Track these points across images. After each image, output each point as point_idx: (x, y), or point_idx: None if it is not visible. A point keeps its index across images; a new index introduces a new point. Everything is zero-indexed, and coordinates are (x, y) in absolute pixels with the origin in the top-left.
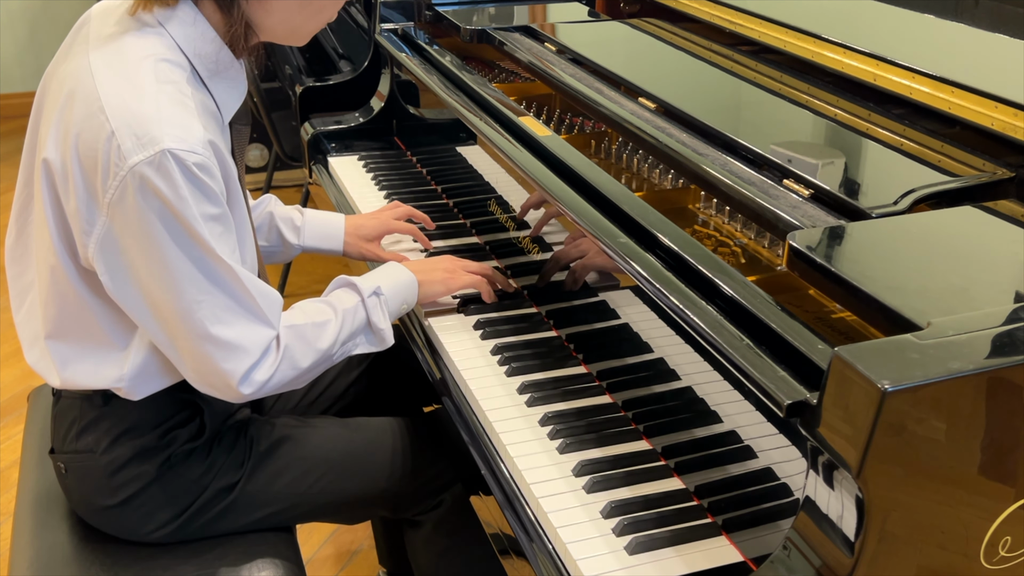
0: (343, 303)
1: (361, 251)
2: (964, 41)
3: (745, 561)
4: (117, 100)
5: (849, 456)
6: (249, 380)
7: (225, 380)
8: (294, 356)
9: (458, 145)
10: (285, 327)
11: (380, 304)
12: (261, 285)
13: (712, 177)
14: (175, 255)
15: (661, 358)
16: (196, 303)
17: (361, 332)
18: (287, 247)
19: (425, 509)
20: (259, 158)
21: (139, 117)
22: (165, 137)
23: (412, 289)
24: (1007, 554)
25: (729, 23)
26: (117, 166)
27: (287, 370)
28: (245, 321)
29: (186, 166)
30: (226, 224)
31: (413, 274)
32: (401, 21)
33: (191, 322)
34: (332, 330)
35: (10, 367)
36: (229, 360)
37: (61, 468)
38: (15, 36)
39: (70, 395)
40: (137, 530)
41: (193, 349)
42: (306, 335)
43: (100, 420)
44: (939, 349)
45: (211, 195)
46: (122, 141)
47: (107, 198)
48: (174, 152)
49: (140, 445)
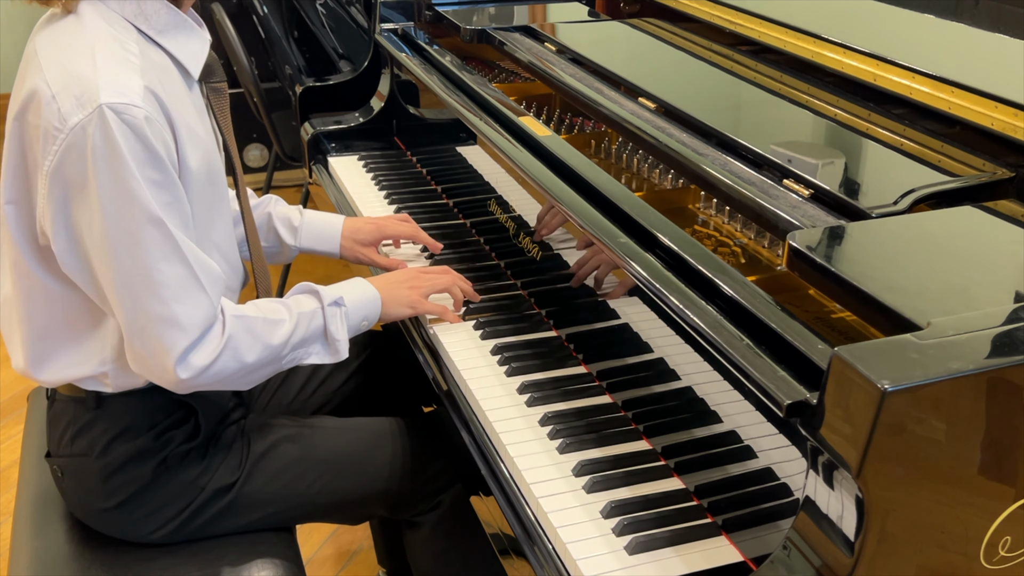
0: (301, 306)
1: (357, 254)
2: (964, 41)
3: (745, 561)
4: (55, 65)
5: (849, 456)
6: (187, 362)
7: (161, 360)
8: (239, 348)
9: (458, 145)
10: (234, 316)
11: (340, 315)
12: (203, 259)
13: (712, 177)
14: (113, 220)
15: (661, 358)
16: (132, 275)
17: (316, 340)
18: (284, 248)
19: (423, 510)
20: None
21: (75, 76)
22: (102, 91)
23: (375, 306)
24: (1007, 554)
25: (729, 23)
26: (57, 129)
27: (229, 361)
28: (184, 297)
29: (126, 121)
30: (173, 192)
31: (377, 292)
32: (401, 21)
33: (127, 294)
34: (284, 330)
35: (10, 367)
36: (164, 337)
37: (57, 471)
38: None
39: (63, 398)
40: (135, 532)
41: (129, 324)
42: (255, 329)
43: (94, 423)
44: (939, 349)
45: (154, 157)
46: (62, 103)
47: (47, 165)
48: (112, 106)
49: (135, 447)
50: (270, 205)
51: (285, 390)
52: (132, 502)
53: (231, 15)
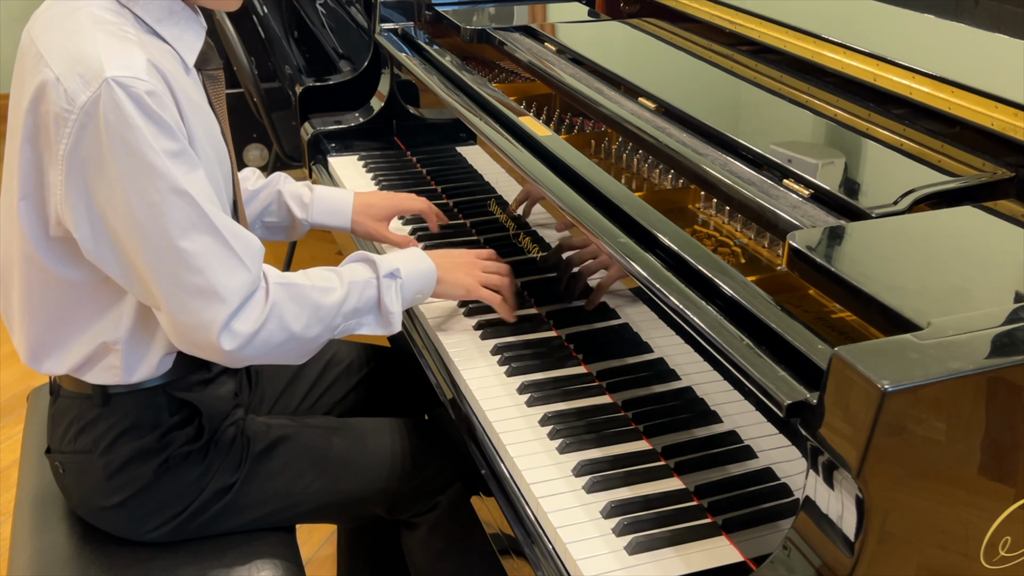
0: (354, 275)
1: (368, 230)
2: (964, 41)
3: (745, 561)
4: (56, 48)
5: (849, 456)
6: (230, 330)
7: (204, 334)
8: (284, 315)
9: (458, 145)
10: (278, 283)
11: (395, 287)
12: (237, 228)
13: (712, 177)
14: (136, 196)
15: (661, 358)
16: (164, 248)
17: (369, 312)
18: (295, 223)
19: (422, 510)
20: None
21: (78, 56)
22: (106, 66)
23: (431, 280)
24: (1007, 554)
25: (729, 23)
26: (67, 111)
27: (275, 329)
28: (219, 265)
29: (134, 94)
30: (191, 162)
31: (435, 267)
32: (401, 21)
33: (162, 270)
34: (335, 298)
35: (10, 367)
36: (206, 310)
37: (58, 467)
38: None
39: (68, 394)
40: (135, 530)
41: (167, 301)
42: (302, 295)
43: (99, 420)
44: (939, 349)
45: (166, 128)
46: (67, 84)
47: (62, 150)
48: (118, 80)
49: (138, 447)
50: (279, 183)
51: (287, 398)
52: (133, 501)
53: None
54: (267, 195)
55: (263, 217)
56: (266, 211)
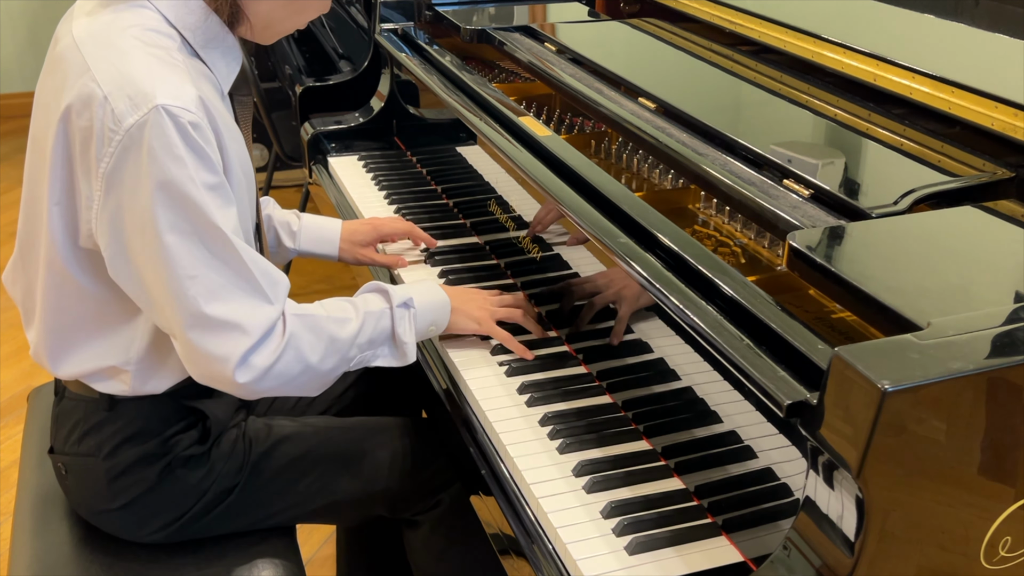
0: (369, 305)
1: (356, 256)
2: (964, 41)
3: (745, 561)
4: (106, 65)
5: (849, 456)
6: (247, 364)
7: (221, 367)
8: (301, 347)
9: (458, 145)
10: (295, 315)
11: (409, 316)
12: (264, 264)
13: (712, 177)
14: (169, 223)
15: (661, 358)
16: (190, 279)
17: (383, 342)
18: (283, 250)
19: (423, 509)
20: (259, 158)
21: (130, 78)
22: (158, 94)
23: (444, 312)
24: (1007, 554)
25: (729, 23)
26: (112, 131)
27: (292, 361)
28: (243, 298)
29: (181, 124)
30: (225, 196)
31: (448, 299)
32: (401, 21)
33: (184, 300)
34: (350, 329)
35: (10, 367)
36: (226, 342)
37: (61, 468)
38: (15, 36)
39: (74, 396)
40: (136, 532)
41: (187, 331)
42: (319, 327)
43: (104, 424)
44: (939, 349)
45: (207, 161)
46: (115, 104)
47: (102, 168)
48: (168, 108)
49: (142, 452)
50: (268, 208)
51: (286, 398)
52: (135, 504)
53: None
54: None
55: None
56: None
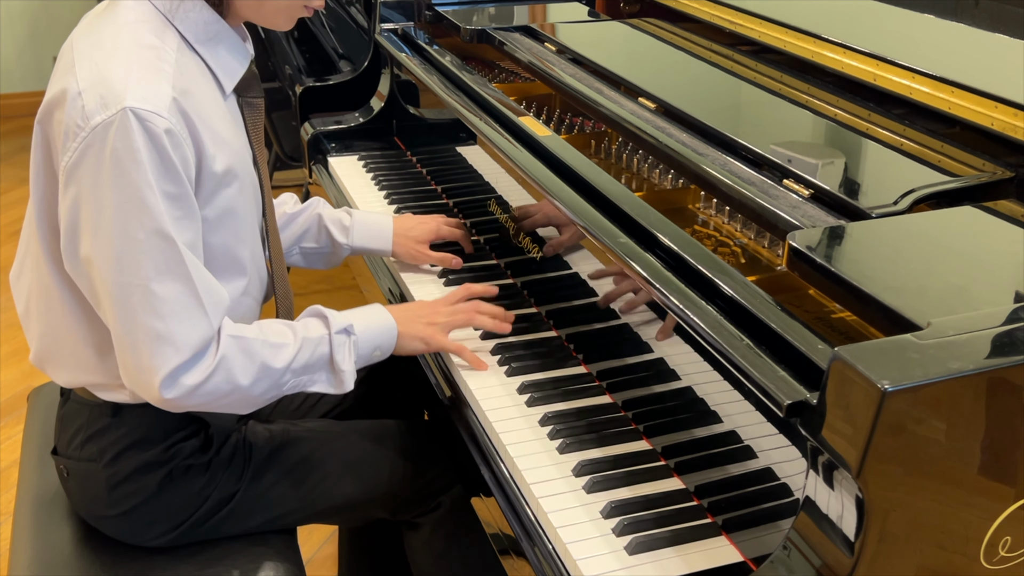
0: (308, 331)
1: (411, 251)
2: (964, 41)
3: (745, 561)
4: (88, 63)
5: (849, 456)
6: (175, 382)
7: (148, 377)
8: (231, 369)
9: (458, 145)
10: (230, 336)
11: (349, 344)
12: (209, 280)
13: (712, 177)
14: (120, 227)
15: (661, 358)
16: (131, 286)
17: (321, 368)
18: (336, 247)
19: (424, 511)
20: None
21: (105, 77)
22: (128, 96)
23: (390, 336)
24: (1007, 554)
25: (729, 23)
26: (79, 127)
27: (221, 382)
28: (182, 314)
29: (148, 128)
30: (186, 208)
31: (395, 322)
32: (401, 21)
33: (124, 305)
34: (286, 355)
35: (10, 367)
36: (156, 355)
37: (63, 471)
38: (15, 36)
39: (79, 399)
40: (136, 537)
41: (123, 336)
42: (252, 350)
43: (107, 431)
44: (939, 349)
45: (171, 169)
46: (87, 101)
47: (64, 161)
48: (136, 111)
49: (143, 460)
50: (318, 207)
51: (287, 402)
52: (136, 511)
53: None
54: (306, 219)
55: (301, 243)
56: (305, 235)
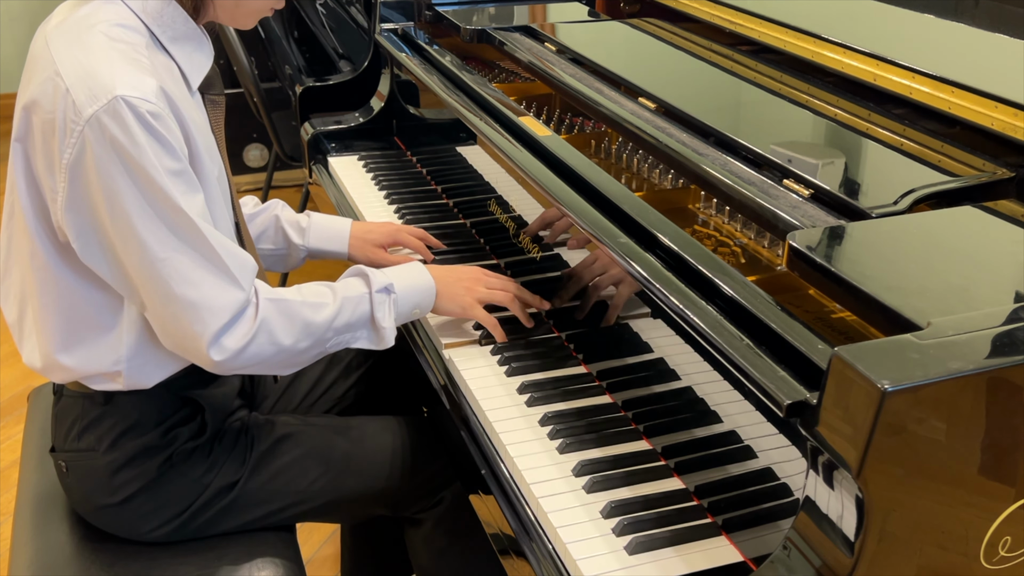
0: (348, 290)
1: (367, 255)
2: (964, 41)
3: (745, 561)
4: (70, 60)
5: (849, 456)
6: (219, 345)
7: (194, 343)
8: (273, 330)
9: (458, 145)
10: (269, 299)
11: (389, 302)
12: (232, 247)
13: (712, 177)
14: (136, 209)
15: (661, 358)
16: (160, 261)
17: (362, 326)
18: (293, 249)
19: (425, 507)
20: (259, 158)
21: (91, 71)
22: (117, 85)
23: (429, 296)
24: (1007, 554)
25: (729, 23)
26: (74, 122)
27: (264, 343)
28: (213, 280)
29: (140, 113)
30: (189, 182)
31: (433, 281)
32: (401, 21)
33: (156, 281)
34: (326, 314)
35: (10, 367)
36: (197, 322)
37: (62, 466)
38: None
39: (71, 393)
40: (137, 529)
41: (161, 310)
42: (292, 311)
43: (102, 419)
44: (939, 349)
45: (169, 148)
46: (76, 96)
47: (65, 159)
48: (127, 99)
49: (141, 444)
50: (276, 208)
51: (289, 396)
52: (136, 498)
53: None
54: (264, 220)
55: (258, 244)
56: (262, 236)
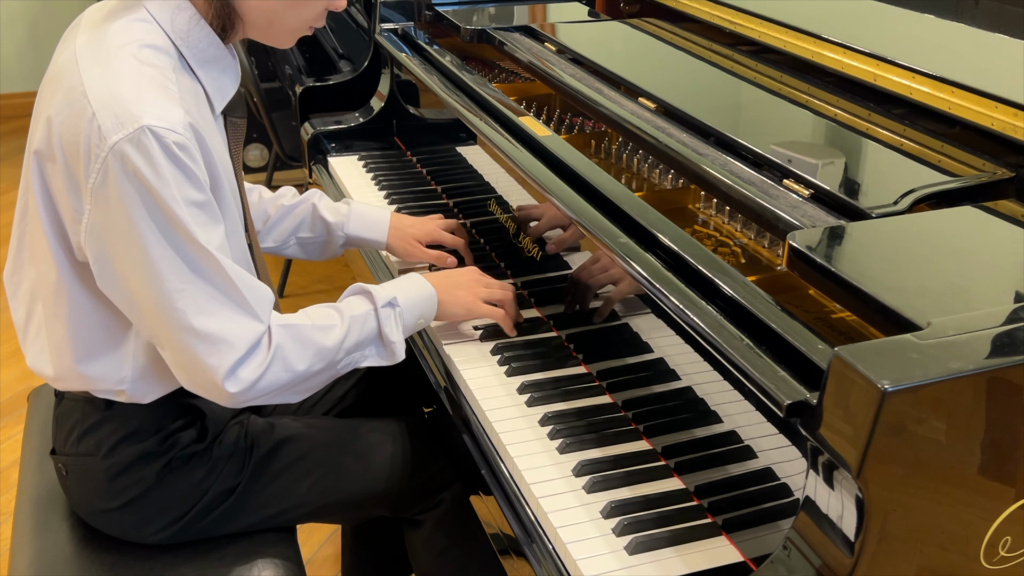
0: (353, 309)
1: (406, 247)
2: (964, 41)
3: (745, 561)
4: (98, 83)
5: (849, 456)
6: (235, 377)
7: (210, 376)
8: (287, 356)
9: (458, 145)
10: (280, 326)
11: (394, 316)
12: (250, 279)
13: (712, 177)
14: (155, 240)
15: (661, 358)
16: (177, 292)
17: (371, 343)
18: (332, 236)
19: (425, 508)
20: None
21: (119, 98)
22: (145, 115)
23: (431, 304)
24: (1007, 554)
25: (729, 23)
26: (98, 147)
27: (279, 371)
28: (229, 313)
29: (166, 144)
30: (211, 213)
31: (434, 290)
32: (401, 21)
33: (172, 313)
34: (336, 335)
35: (10, 367)
36: (212, 355)
37: (62, 469)
38: (15, 36)
39: (73, 397)
40: (137, 532)
41: (176, 343)
42: (303, 336)
43: (102, 424)
44: (939, 349)
45: (193, 179)
46: (102, 122)
47: (90, 183)
48: (153, 129)
49: (141, 450)
50: (314, 198)
51: None
52: (136, 503)
53: None
54: (303, 209)
55: (298, 232)
56: (301, 226)
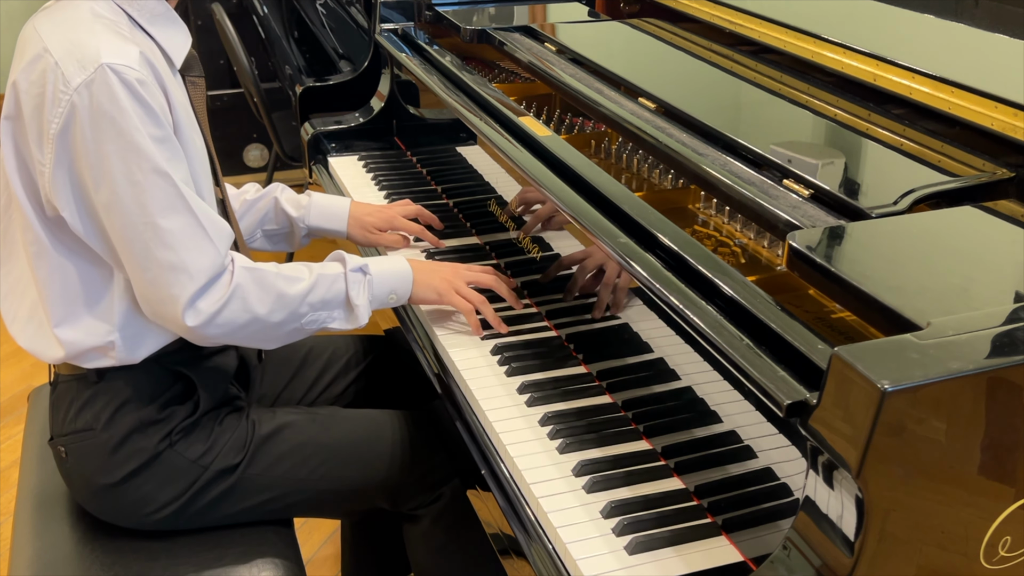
0: (324, 269)
1: (365, 236)
2: (964, 41)
3: (745, 561)
4: (57, 36)
5: (849, 456)
6: (194, 308)
7: (171, 307)
8: (247, 298)
9: (458, 145)
10: (244, 268)
11: (364, 282)
12: (212, 214)
13: (712, 177)
14: (120, 174)
15: (661, 358)
16: (142, 225)
17: (338, 305)
18: (294, 228)
19: (424, 502)
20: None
21: (78, 43)
22: (102, 54)
23: (405, 282)
24: (1007, 554)
25: (729, 23)
26: (62, 92)
27: (238, 310)
28: (191, 244)
29: (127, 80)
30: (173, 150)
31: (411, 270)
32: (401, 21)
33: (137, 245)
34: (301, 287)
35: (10, 367)
36: (174, 284)
37: (61, 452)
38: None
39: (65, 378)
40: (136, 512)
41: (141, 275)
42: (266, 281)
43: (96, 396)
44: (939, 349)
45: (153, 115)
46: (65, 68)
47: (53, 129)
48: (112, 66)
49: (138, 419)
50: (276, 191)
51: (290, 394)
52: (136, 477)
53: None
54: (265, 203)
55: (263, 226)
56: (265, 219)
